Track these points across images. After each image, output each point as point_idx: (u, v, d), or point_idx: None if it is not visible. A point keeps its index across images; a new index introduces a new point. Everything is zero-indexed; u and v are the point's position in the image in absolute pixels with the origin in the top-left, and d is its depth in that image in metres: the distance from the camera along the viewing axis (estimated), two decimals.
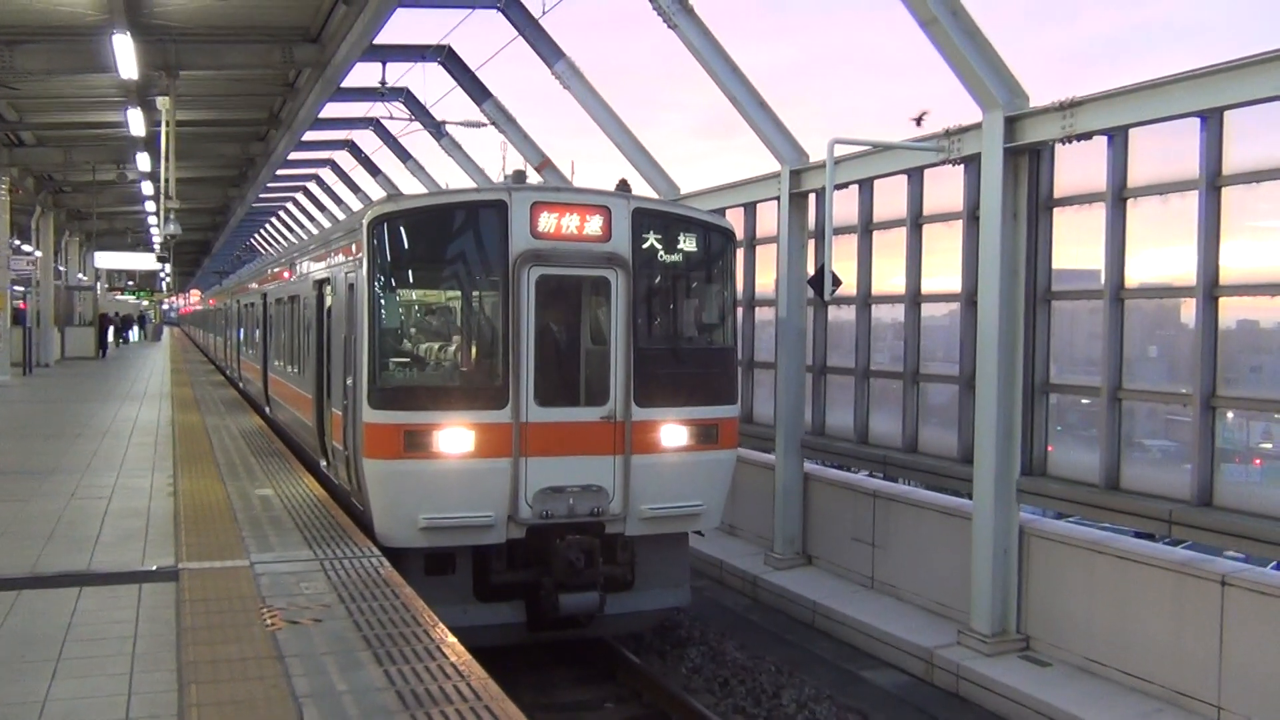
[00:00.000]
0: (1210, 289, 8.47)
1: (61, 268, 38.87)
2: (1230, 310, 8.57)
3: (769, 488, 13.44)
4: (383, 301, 9.25)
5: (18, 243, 33.56)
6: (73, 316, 40.51)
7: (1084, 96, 9.13)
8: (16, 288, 31.45)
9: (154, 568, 7.33)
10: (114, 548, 7.97)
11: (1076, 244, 9.97)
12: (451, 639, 5.78)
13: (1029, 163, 9.89)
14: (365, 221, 9.28)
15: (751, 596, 12.81)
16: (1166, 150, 9.02)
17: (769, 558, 13.24)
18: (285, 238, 48.65)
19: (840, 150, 10.99)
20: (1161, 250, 9.35)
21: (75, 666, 5.39)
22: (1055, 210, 9.93)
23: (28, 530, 8.47)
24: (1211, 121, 8.42)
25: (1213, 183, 8.45)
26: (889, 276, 12.45)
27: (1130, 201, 9.23)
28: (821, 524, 13.01)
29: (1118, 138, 9.20)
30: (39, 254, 32.28)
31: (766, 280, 14.63)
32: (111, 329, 51.36)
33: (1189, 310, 8.95)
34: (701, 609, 11.91)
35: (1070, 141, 9.33)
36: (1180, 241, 8.81)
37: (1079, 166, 9.69)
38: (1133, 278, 9.28)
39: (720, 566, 13.58)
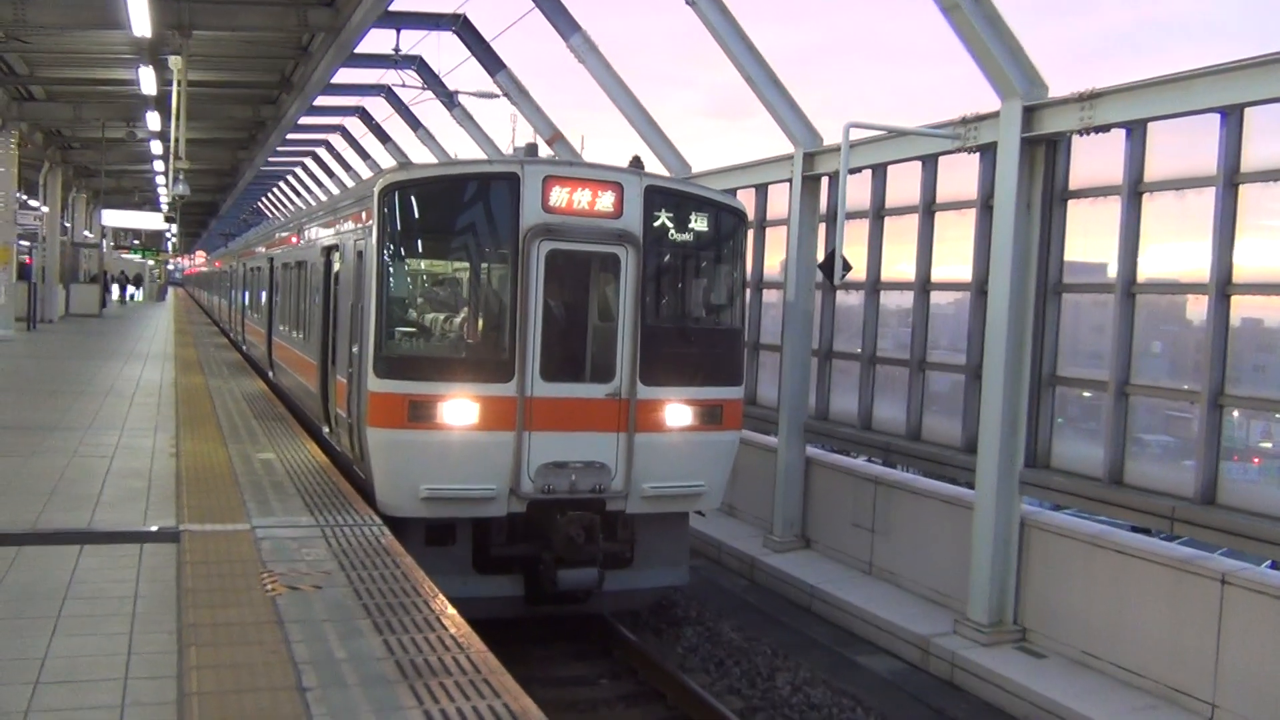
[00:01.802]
0: (1223, 287, 8.42)
1: (68, 224, 38.80)
2: (1235, 308, 8.53)
3: (770, 470, 13.44)
4: (391, 270, 9.22)
5: (24, 197, 33.47)
6: (78, 273, 40.48)
7: (1104, 88, 9.07)
8: (22, 243, 31.40)
9: (155, 528, 7.33)
10: (115, 507, 7.97)
11: (1087, 236, 9.93)
12: (451, 611, 5.77)
13: (1045, 153, 9.83)
14: (376, 189, 9.23)
15: (749, 578, 12.83)
16: (1184, 145, 8.96)
17: (768, 540, 13.26)
18: (293, 202, 48.55)
19: (855, 134, 10.93)
20: (1174, 246, 9.30)
21: (75, 624, 5.39)
22: (1069, 202, 9.87)
23: (29, 487, 8.47)
24: (1232, 118, 8.35)
25: (1230, 180, 8.39)
26: (898, 263, 12.40)
27: (1146, 196, 9.17)
28: (821, 508, 13.02)
29: (1136, 131, 9.13)
30: (45, 209, 32.22)
31: (774, 263, 14.59)
32: (116, 286, 51.72)
33: (1194, 307, 8.91)
34: (699, 589, 11.93)
35: (1088, 133, 9.26)
36: (1193, 237, 8.77)
37: (1095, 159, 9.63)
38: (1144, 273, 9.23)
39: (719, 547, 13.60)
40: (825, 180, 13.06)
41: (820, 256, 12.62)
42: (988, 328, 10.17)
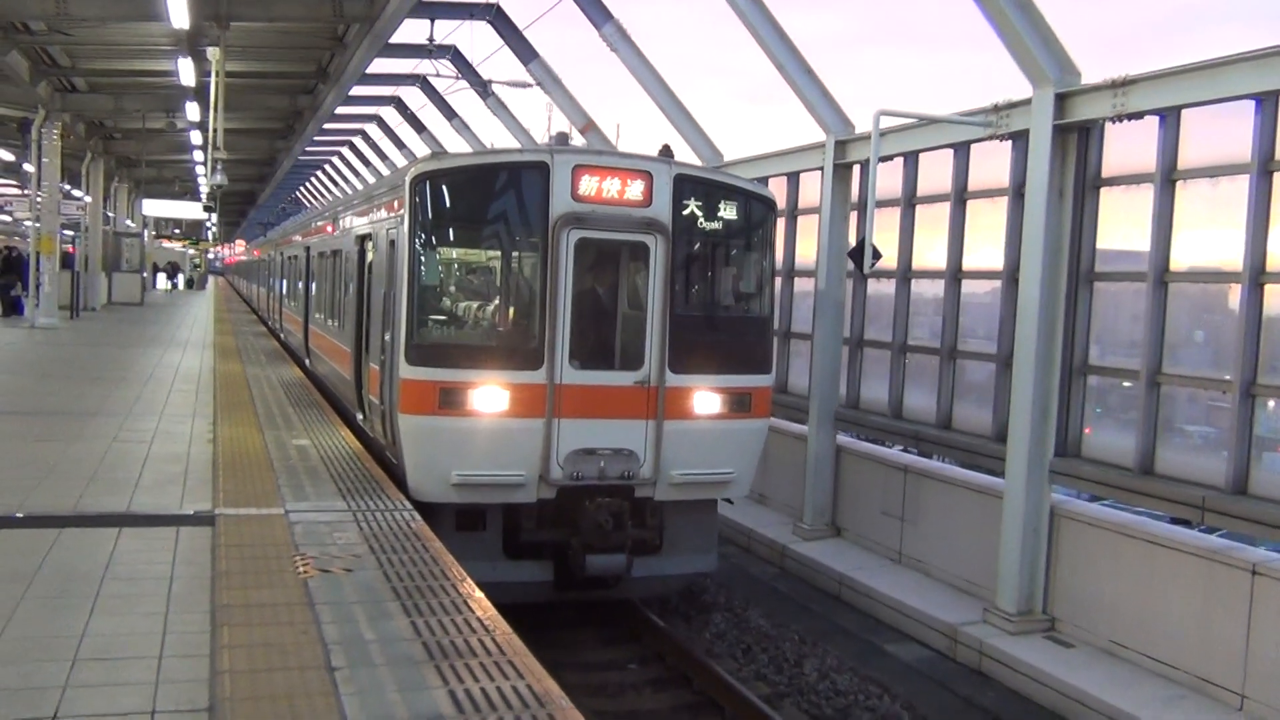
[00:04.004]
0: (1257, 275, 8.34)
1: (110, 214, 39.32)
2: (1270, 297, 8.44)
3: (800, 458, 13.45)
4: (423, 259, 9.32)
5: (68, 188, 33.97)
6: (119, 262, 41.03)
7: (1137, 75, 8.99)
8: (66, 232, 31.87)
9: (191, 512, 7.47)
10: (153, 491, 8.13)
11: (1122, 224, 9.85)
12: (479, 594, 5.86)
13: (1077, 140, 9.76)
14: (408, 179, 9.33)
15: (778, 566, 12.87)
16: (1219, 132, 8.87)
17: (797, 528, 13.28)
18: (330, 192, 48.94)
19: (886, 122, 10.89)
20: (1208, 234, 9.21)
21: (113, 604, 5.53)
22: (1102, 190, 9.80)
23: (71, 471, 8.65)
24: (1267, 104, 8.26)
25: (1265, 167, 8.31)
26: (930, 251, 12.36)
27: (1179, 184, 9.09)
28: (851, 496, 13.02)
29: (1170, 118, 9.04)
30: (88, 199, 32.68)
31: (807, 251, 14.57)
32: (163, 275, 52.74)
33: (1234, 295, 8.82)
34: (728, 576, 11.99)
35: (1121, 120, 9.19)
36: (1227, 225, 8.68)
37: (1128, 146, 9.55)
38: (1178, 261, 9.16)
39: (748, 535, 13.64)
40: (857, 168, 13.03)
41: (852, 244, 12.59)
42: (1019, 316, 10.13)
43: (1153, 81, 8.88)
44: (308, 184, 53.86)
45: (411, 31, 20.28)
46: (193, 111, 23.40)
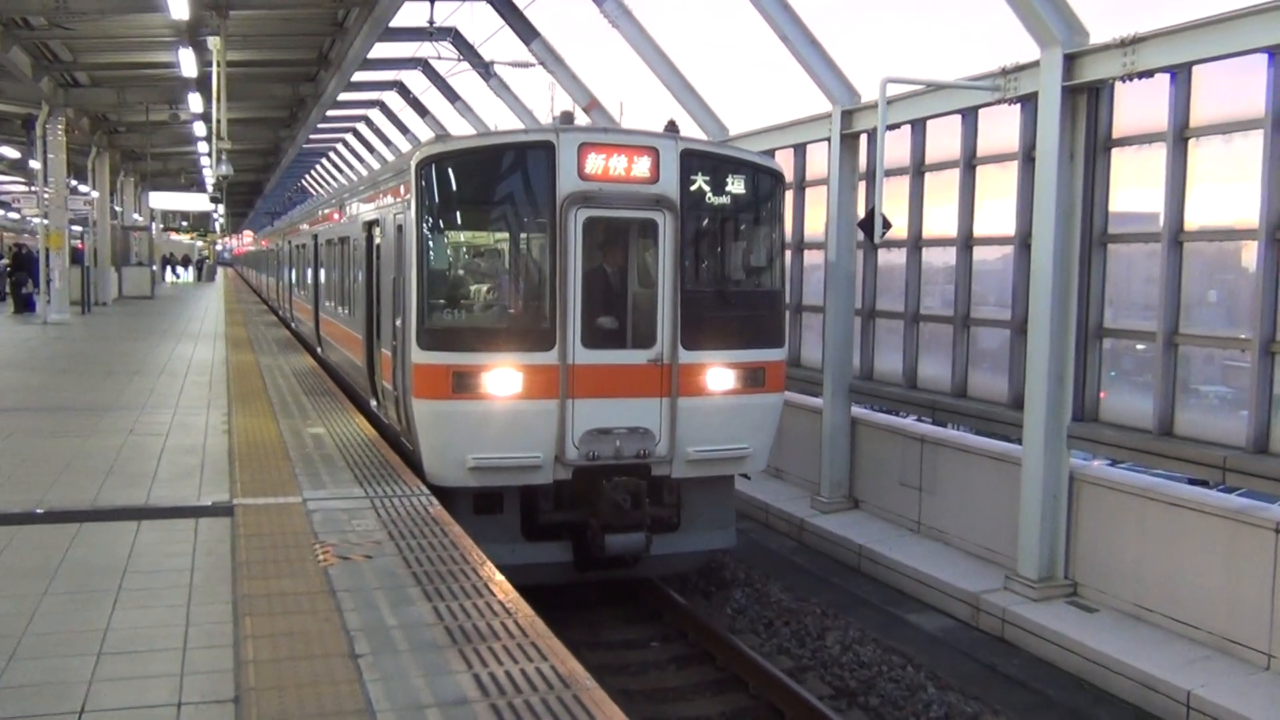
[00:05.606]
0: (1273, 231, 8.25)
1: (118, 208, 39.34)
2: None
3: (816, 432, 13.41)
4: (430, 243, 9.28)
5: (75, 183, 33.99)
6: (129, 256, 41.09)
7: (1146, 32, 8.87)
8: (74, 227, 31.90)
9: (210, 503, 7.48)
10: (171, 483, 8.15)
11: (1135, 185, 9.75)
12: (499, 577, 5.86)
13: (1087, 101, 9.65)
14: (413, 163, 9.28)
15: (797, 540, 12.86)
16: (1231, 88, 8.75)
17: (815, 501, 13.26)
18: (336, 179, 48.89)
19: (893, 90, 10.79)
20: (1222, 192, 9.11)
21: (135, 597, 5.54)
22: (1113, 150, 9.70)
23: (88, 465, 8.68)
24: (1279, 57, 8.14)
25: (1279, 121, 8.20)
26: (940, 219, 12.26)
27: (1192, 142, 8.99)
28: (868, 468, 12.98)
29: (1180, 75, 8.93)
30: (95, 194, 32.70)
31: (816, 223, 14.48)
32: (169, 267, 53.15)
33: (1250, 254, 8.74)
34: (747, 551, 11.98)
35: (1131, 79, 9.08)
36: (1242, 182, 8.58)
37: (1139, 105, 9.44)
38: (1192, 220, 9.06)
39: (766, 510, 13.63)
40: (864, 137, 12.92)
41: (861, 215, 12.50)
42: (1032, 281, 10.05)
43: (1162, 38, 8.76)
44: (313, 172, 53.80)
45: (411, 15, 20.22)
46: (195, 103, 23.37)
